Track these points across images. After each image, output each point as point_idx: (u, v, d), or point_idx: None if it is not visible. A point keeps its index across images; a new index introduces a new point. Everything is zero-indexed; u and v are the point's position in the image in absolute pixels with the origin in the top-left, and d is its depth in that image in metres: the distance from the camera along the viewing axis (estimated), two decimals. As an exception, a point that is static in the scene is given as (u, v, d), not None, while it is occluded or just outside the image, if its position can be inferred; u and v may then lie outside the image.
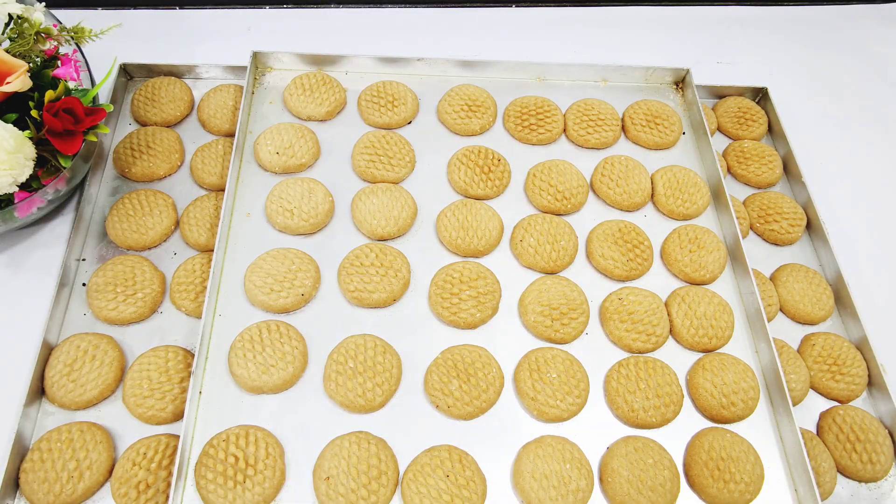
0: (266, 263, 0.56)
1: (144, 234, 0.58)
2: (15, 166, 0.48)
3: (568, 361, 0.53)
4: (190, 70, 0.70)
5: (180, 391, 0.50)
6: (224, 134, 0.66)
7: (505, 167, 0.64)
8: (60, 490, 0.46)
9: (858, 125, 0.78)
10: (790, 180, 0.70)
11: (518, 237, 0.60)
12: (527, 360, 0.53)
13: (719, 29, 0.85)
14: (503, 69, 0.72)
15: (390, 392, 0.51)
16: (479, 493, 0.47)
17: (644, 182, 0.65)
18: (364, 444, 0.48)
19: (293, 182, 0.61)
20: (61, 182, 0.54)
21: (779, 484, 0.51)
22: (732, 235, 0.61)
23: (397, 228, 0.59)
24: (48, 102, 0.50)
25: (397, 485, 0.48)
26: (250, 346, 0.52)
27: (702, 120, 0.68)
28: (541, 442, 0.50)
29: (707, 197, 0.65)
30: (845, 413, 0.55)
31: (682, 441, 0.52)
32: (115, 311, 0.54)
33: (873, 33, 0.88)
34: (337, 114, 0.68)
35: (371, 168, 0.63)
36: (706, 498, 0.49)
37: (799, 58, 0.84)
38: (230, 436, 0.48)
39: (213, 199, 0.61)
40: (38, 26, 0.53)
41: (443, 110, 0.68)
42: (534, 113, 0.68)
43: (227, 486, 0.46)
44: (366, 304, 0.56)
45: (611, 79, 0.73)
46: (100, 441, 0.48)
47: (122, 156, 0.63)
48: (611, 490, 0.49)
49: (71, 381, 0.50)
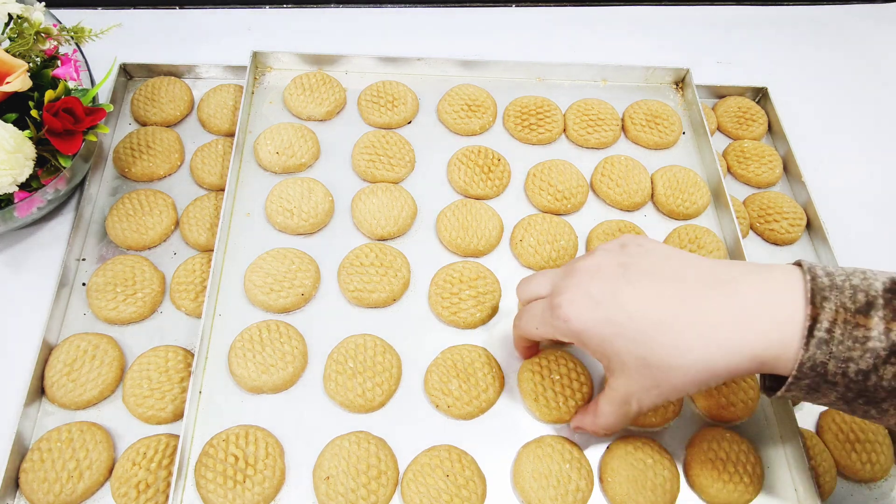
0: (266, 263, 0.56)
1: (144, 233, 0.58)
2: (15, 166, 0.48)
3: (570, 362, 0.53)
4: (190, 70, 0.70)
5: (180, 391, 0.50)
6: (224, 134, 0.66)
7: (505, 167, 0.64)
8: (60, 490, 0.46)
9: (858, 125, 0.78)
10: (790, 180, 0.70)
11: (518, 237, 0.60)
12: (528, 361, 0.53)
13: (719, 29, 0.85)
14: (503, 69, 0.72)
15: (390, 392, 0.51)
16: (478, 493, 0.47)
17: (644, 182, 0.65)
18: (364, 444, 0.48)
19: (293, 182, 0.61)
20: (61, 182, 0.54)
21: (779, 484, 0.51)
22: (732, 235, 0.61)
23: (397, 228, 0.59)
24: (48, 102, 0.50)
25: (397, 485, 0.48)
26: (250, 346, 0.52)
27: (702, 120, 0.68)
28: (541, 442, 0.50)
29: (707, 197, 0.65)
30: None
31: (682, 441, 0.52)
32: (115, 311, 0.54)
33: (873, 33, 0.88)
34: (337, 114, 0.68)
35: (371, 168, 0.63)
36: (706, 498, 0.49)
37: (799, 58, 0.84)
38: (230, 436, 0.48)
39: (213, 198, 0.61)
40: (37, 26, 0.53)
41: (443, 110, 0.68)
42: (534, 113, 0.68)
43: (226, 486, 0.46)
44: (366, 304, 0.56)
45: (611, 79, 0.73)
46: (100, 441, 0.48)
47: (122, 156, 0.63)
48: (611, 490, 0.49)
49: (71, 381, 0.50)
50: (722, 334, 0.37)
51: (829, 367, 0.34)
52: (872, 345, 0.34)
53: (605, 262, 0.41)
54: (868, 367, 0.34)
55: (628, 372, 0.40)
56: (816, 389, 0.36)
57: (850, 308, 0.34)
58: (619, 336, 0.39)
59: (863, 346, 0.34)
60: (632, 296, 0.39)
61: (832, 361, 0.34)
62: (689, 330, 0.37)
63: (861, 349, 0.34)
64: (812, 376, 0.35)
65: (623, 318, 0.39)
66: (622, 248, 0.42)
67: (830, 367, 0.34)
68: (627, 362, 0.40)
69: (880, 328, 0.34)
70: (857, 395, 0.35)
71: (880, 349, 0.33)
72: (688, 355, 0.38)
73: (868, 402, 0.35)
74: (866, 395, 0.35)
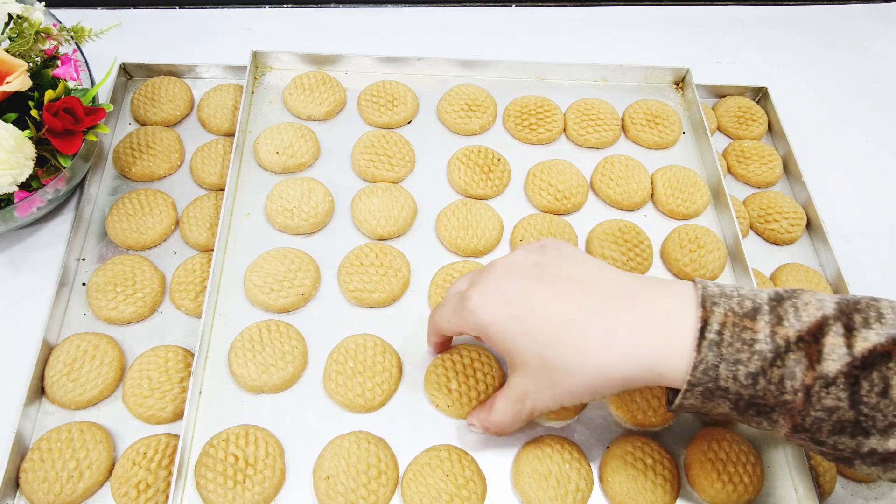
0: (266, 263, 0.56)
1: (144, 233, 0.58)
2: (15, 166, 0.48)
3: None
4: (190, 70, 0.70)
5: (180, 391, 0.50)
6: (224, 134, 0.66)
7: (505, 167, 0.64)
8: (60, 490, 0.46)
9: (858, 125, 0.78)
10: (790, 180, 0.70)
11: (518, 237, 0.60)
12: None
13: (719, 29, 0.85)
14: (503, 69, 0.72)
15: (390, 392, 0.51)
16: (478, 493, 0.47)
17: (644, 182, 0.65)
18: (364, 443, 0.48)
19: (293, 182, 0.61)
20: (61, 182, 0.54)
21: (779, 484, 0.51)
22: (732, 235, 0.61)
23: (397, 228, 0.59)
24: (48, 102, 0.50)
25: (397, 484, 0.48)
26: (250, 346, 0.52)
27: (702, 119, 0.68)
28: (540, 442, 0.50)
29: (707, 196, 0.65)
30: (845, 413, 0.55)
31: (682, 441, 0.52)
32: (115, 310, 0.54)
33: (873, 33, 0.88)
34: (337, 113, 0.68)
35: (371, 168, 0.63)
36: (706, 498, 0.49)
37: (799, 57, 0.84)
38: (230, 435, 0.48)
39: (213, 198, 0.61)
40: (37, 26, 0.53)
41: (443, 110, 0.68)
42: (534, 112, 0.68)
43: (226, 486, 0.46)
44: (366, 304, 0.56)
45: (611, 78, 0.73)
46: (100, 441, 0.48)
47: (122, 155, 0.63)
48: (611, 490, 0.49)
49: (71, 381, 0.50)
50: (619, 340, 0.38)
51: (721, 371, 0.36)
52: (759, 347, 0.35)
53: (523, 261, 0.42)
54: (756, 370, 0.35)
55: (528, 370, 0.41)
56: (710, 398, 0.37)
57: (738, 312, 0.36)
58: (524, 334, 0.40)
59: (750, 349, 0.35)
60: (542, 296, 0.40)
61: (723, 364, 0.35)
62: (589, 333, 0.38)
63: (749, 351, 0.35)
64: (705, 382, 0.36)
65: (530, 316, 0.39)
66: (541, 249, 0.43)
67: (722, 370, 0.36)
68: (529, 361, 0.40)
69: (766, 331, 0.35)
70: (748, 405, 0.36)
71: (766, 351, 0.35)
72: (586, 358, 0.39)
73: (759, 412, 0.37)
74: (756, 403, 0.36)
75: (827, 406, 0.34)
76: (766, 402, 0.36)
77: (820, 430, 0.35)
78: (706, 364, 0.36)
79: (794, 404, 0.35)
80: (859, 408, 0.34)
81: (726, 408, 0.37)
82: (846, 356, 0.34)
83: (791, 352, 0.35)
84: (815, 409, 0.35)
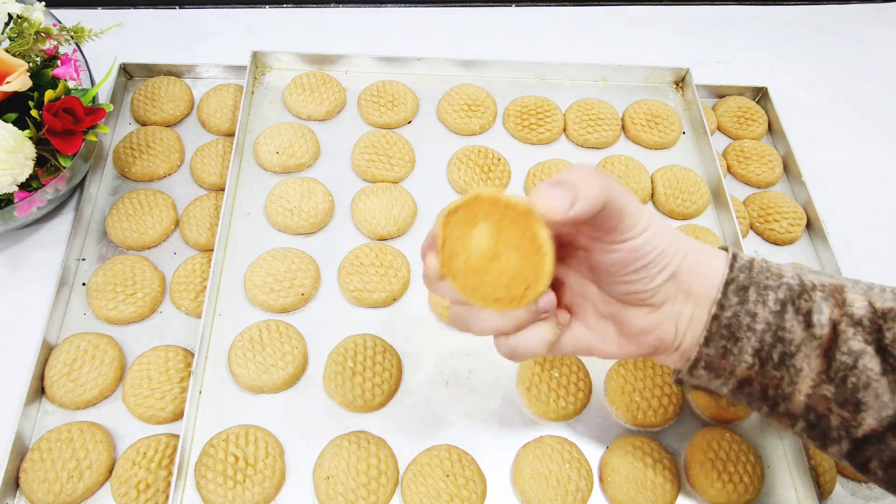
0: (266, 263, 0.56)
1: (144, 233, 0.58)
2: (15, 166, 0.48)
3: (570, 361, 0.53)
4: (190, 70, 0.70)
5: (180, 391, 0.50)
6: (224, 133, 0.66)
7: (505, 167, 0.64)
8: (60, 490, 0.46)
9: (858, 125, 0.78)
10: (790, 180, 0.70)
11: (518, 237, 0.60)
12: (529, 360, 0.53)
13: (719, 29, 0.85)
14: (503, 69, 0.72)
15: (390, 392, 0.51)
16: (478, 492, 0.47)
17: (644, 182, 0.65)
18: (364, 443, 0.48)
19: (293, 182, 0.61)
20: (61, 182, 0.54)
21: (779, 484, 0.51)
22: (732, 235, 0.61)
23: (397, 228, 0.59)
24: (48, 102, 0.50)
25: (397, 484, 0.48)
26: (250, 346, 0.52)
27: (702, 119, 0.68)
28: (540, 442, 0.50)
29: (707, 196, 0.65)
30: (845, 413, 0.55)
31: (682, 441, 0.52)
32: (115, 310, 0.54)
33: (873, 33, 0.88)
34: (337, 113, 0.68)
35: (371, 168, 0.63)
36: (706, 498, 0.49)
37: (799, 57, 0.84)
38: (230, 435, 0.48)
39: (213, 198, 0.61)
40: (37, 26, 0.53)
41: (443, 110, 0.68)
42: (534, 112, 0.68)
43: (226, 486, 0.46)
44: (366, 304, 0.56)
45: (611, 78, 0.73)
46: (100, 441, 0.48)
47: (122, 155, 0.63)
48: (611, 490, 0.49)
49: (71, 381, 0.50)
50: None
51: (750, 294, 0.35)
52: (787, 280, 0.35)
53: None
54: (785, 297, 0.35)
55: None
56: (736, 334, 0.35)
57: (764, 265, 0.36)
58: None
59: (779, 279, 0.35)
60: None
61: (752, 288, 0.35)
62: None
63: (777, 281, 0.35)
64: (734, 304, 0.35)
65: None
66: None
67: (751, 294, 0.35)
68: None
69: (792, 272, 0.36)
70: (773, 342, 0.35)
71: (794, 285, 0.35)
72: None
73: (783, 355, 0.34)
74: (783, 339, 0.34)
75: (854, 349, 0.34)
76: (794, 338, 0.34)
77: (845, 383, 0.34)
78: (737, 284, 0.35)
79: (822, 341, 0.34)
80: (884, 355, 0.33)
81: (748, 356, 0.35)
82: (868, 308, 0.34)
83: (818, 290, 0.35)
84: (842, 352, 0.34)
